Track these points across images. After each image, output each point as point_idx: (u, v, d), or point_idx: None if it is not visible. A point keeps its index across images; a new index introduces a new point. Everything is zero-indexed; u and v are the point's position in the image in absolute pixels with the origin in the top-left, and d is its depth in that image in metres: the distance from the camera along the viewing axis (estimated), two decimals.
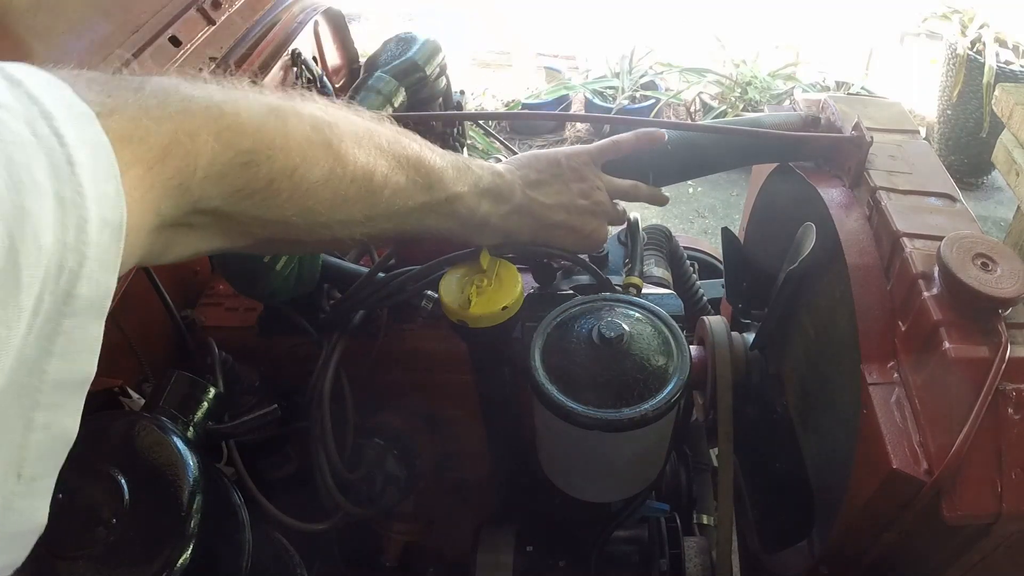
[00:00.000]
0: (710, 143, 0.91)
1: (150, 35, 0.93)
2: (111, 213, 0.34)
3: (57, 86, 0.35)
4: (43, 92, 0.33)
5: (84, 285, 0.32)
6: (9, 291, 0.29)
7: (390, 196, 0.60)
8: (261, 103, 0.50)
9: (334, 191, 0.55)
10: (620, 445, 0.71)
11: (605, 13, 4.14)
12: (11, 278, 0.28)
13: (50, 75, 0.35)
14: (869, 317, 0.74)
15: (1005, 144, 1.89)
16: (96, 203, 0.33)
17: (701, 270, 1.37)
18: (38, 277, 0.30)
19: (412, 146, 0.63)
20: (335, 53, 1.34)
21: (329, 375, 0.83)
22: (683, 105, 3.49)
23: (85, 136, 0.34)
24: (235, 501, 0.77)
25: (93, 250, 0.33)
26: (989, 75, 2.75)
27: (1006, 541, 0.68)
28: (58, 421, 0.33)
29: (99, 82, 0.40)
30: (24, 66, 0.35)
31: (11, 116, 0.31)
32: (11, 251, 0.28)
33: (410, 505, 1.05)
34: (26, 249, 0.29)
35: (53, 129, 0.32)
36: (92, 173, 0.33)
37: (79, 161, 0.32)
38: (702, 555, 0.95)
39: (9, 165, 0.29)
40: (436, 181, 0.64)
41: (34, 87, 0.33)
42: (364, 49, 1.34)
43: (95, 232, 0.33)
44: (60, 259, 0.31)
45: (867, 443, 0.69)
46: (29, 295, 0.29)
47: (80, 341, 0.33)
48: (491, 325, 0.72)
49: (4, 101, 0.31)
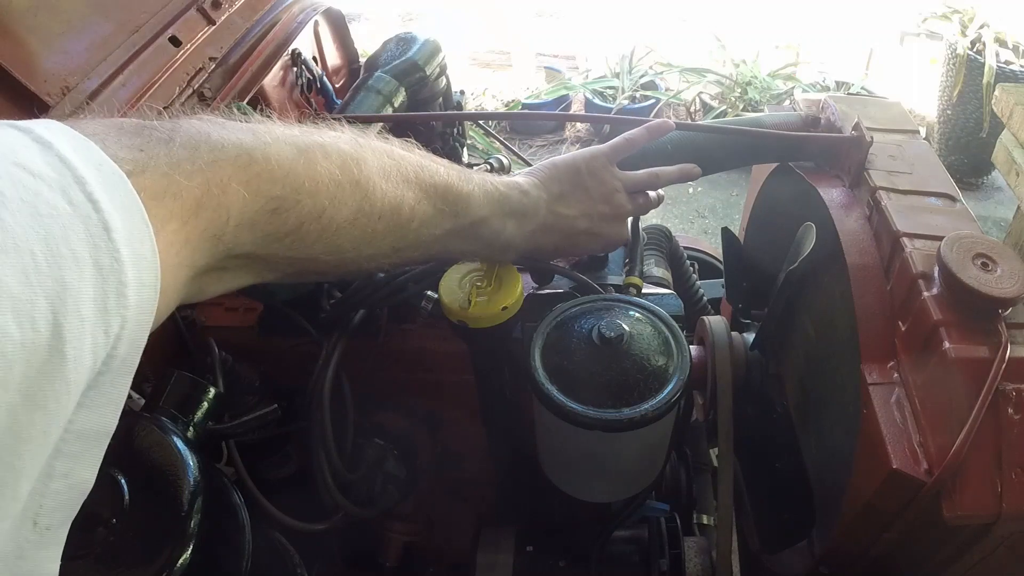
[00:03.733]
0: (710, 143, 0.91)
1: (150, 35, 0.93)
2: (147, 274, 0.35)
3: (86, 147, 0.35)
4: (74, 154, 0.33)
5: (123, 346, 0.33)
6: (56, 366, 0.30)
7: (417, 227, 0.61)
8: (290, 145, 0.50)
9: (363, 229, 0.55)
10: (620, 445, 0.71)
11: (605, 13, 4.14)
12: (57, 354, 0.30)
13: (78, 133, 0.36)
14: (869, 317, 0.74)
15: (1005, 144, 1.89)
16: (133, 266, 0.34)
17: (701, 270, 1.37)
18: (84, 349, 0.31)
19: (439, 173, 0.63)
20: (335, 53, 1.34)
21: (329, 375, 0.83)
22: (683, 105, 3.49)
23: (118, 199, 0.34)
24: (235, 501, 0.77)
25: (132, 312, 0.33)
26: (989, 75, 2.75)
27: (1006, 541, 0.68)
28: (77, 471, 0.34)
29: (129, 134, 0.40)
30: (53, 124, 0.35)
31: (47, 186, 0.31)
32: (56, 326, 0.29)
33: (410, 505, 1.05)
34: (69, 323, 0.30)
35: (87, 195, 0.32)
36: (127, 236, 0.34)
37: (114, 226, 0.33)
38: (702, 555, 0.95)
39: (48, 239, 0.30)
40: (463, 208, 0.64)
41: (65, 149, 0.33)
42: (364, 49, 1.34)
43: (134, 295, 0.34)
44: (104, 326, 0.32)
45: (867, 443, 0.69)
46: (76, 369, 0.31)
47: (109, 395, 0.34)
48: (491, 325, 0.72)
49: (39, 170, 0.32)
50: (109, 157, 0.36)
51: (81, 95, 0.81)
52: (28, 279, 0.29)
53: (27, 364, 0.28)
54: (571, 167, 0.77)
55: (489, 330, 0.73)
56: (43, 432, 0.31)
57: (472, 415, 0.92)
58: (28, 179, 0.31)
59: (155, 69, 0.92)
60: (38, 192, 0.31)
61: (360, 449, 0.92)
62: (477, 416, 0.92)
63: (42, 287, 0.29)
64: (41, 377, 0.29)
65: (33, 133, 0.33)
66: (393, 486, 0.95)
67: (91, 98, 0.82)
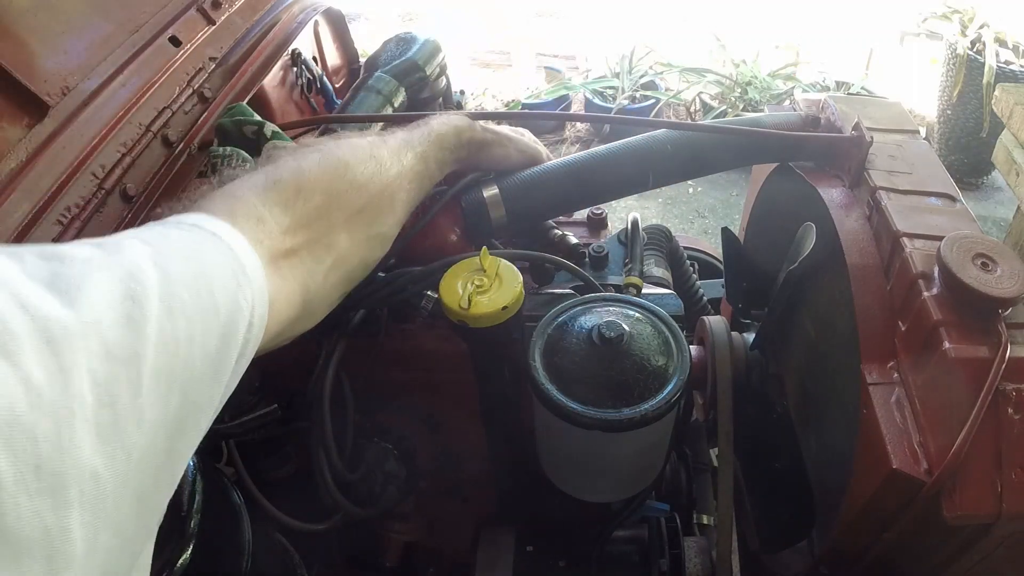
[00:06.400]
0: (710, 143, 0.91)
1: (150, 35, 0.93)
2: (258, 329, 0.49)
3: (242, 245, 0.49)
4: (240, 248, 0.49)
5: (248, 351, 0.48)
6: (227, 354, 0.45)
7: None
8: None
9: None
10: (620, 445, 0.71)
11: (605, 13, 4.13)
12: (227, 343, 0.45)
13: (233, 228, 0.50)
14: (869, 317, 0.74)
15: (1005, 144, 1.89)
16: (258, 331, 0.48)
17: (701, 270, 1.37)
18: (235, 346, 0.46)
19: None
20: (335, 53, 1.34)
21: (329, 375, 0.83)
22: (683, 105, 3.49)
23: (256, 285, 0.48)
24: (235, 501, 0.78)
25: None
26: (989, 75, 2.75)
27: (1006, 541, 0.68)
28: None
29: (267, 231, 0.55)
30: (213, 220, 0.49)
31: (221, 284, 0.45)
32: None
33: (410, 505, 1.05)
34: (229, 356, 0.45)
35: (248, 294, 0.47)
36: (261, 310, 0.49)
37: (257, 318, 0.48)
38: (702, 555, 0.95)
39: (226, 322, 0.44)
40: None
41: (231, 240, 0.48)
42: (364, 49, 1.34)
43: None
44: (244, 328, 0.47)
45: (867, 443, 0.69)
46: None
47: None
48: (491, 325, 0.72)
49: (216, 268, 0.46)
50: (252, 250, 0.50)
51: (81, 95, 0.81)
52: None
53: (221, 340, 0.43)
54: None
55: (489, 330, 0.73)
56: (214, 399, 0.44)
57: (472, 415, 0.92)
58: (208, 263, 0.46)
59: (155, 69, 0.92)
60: (225, 289, 0.45)
61: (360, 449, 0.92)
62: (477, 416, 0.92)
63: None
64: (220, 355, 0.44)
65: (204, 230, 0.48)
66: (393, 486, 0.95)
67: (91, 98, 0.82)
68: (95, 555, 0.32)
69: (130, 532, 0.36)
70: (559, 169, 0.89)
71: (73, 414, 0.32)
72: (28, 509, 0.29)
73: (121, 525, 0.35)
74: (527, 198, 0.88)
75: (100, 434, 0.33)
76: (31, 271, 0.34)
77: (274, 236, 0.54)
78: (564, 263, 0.86)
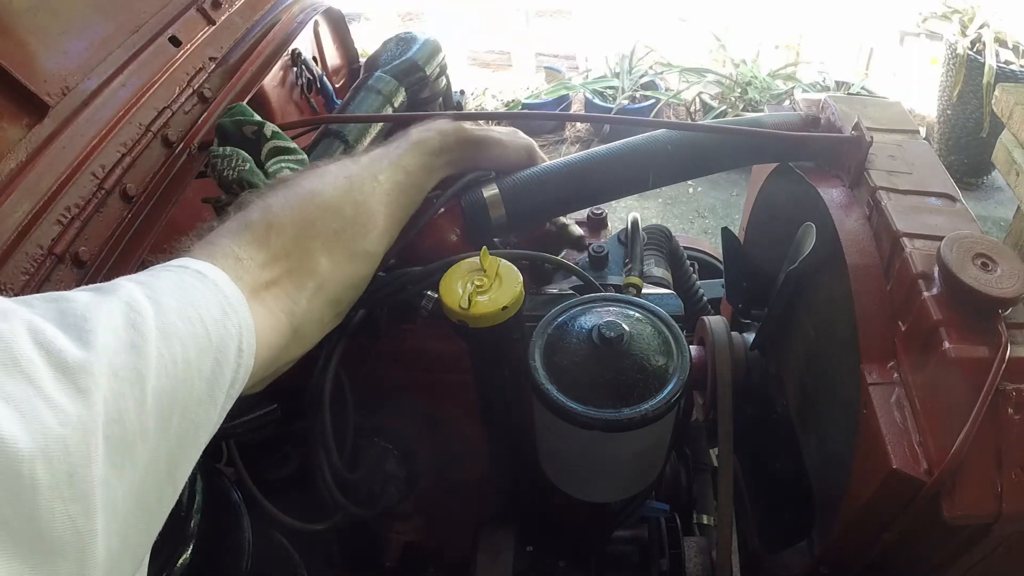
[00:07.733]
0: (710, 143, 0.91)
1: (150, 35, 0.93)
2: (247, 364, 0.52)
3: (224, 280, 0.53)
4: (223, 283, 0.52)
5: (238, 383, 0.50)
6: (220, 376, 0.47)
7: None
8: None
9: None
10: (620, 445, 0.71)
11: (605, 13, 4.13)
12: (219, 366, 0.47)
13: (214, 266, 0.53)
14: (869, 317, 0.74)
15: (1005, 144, 1.89)
16: (248, 358, 0.51)
17: (701, 270, 1.37)
18: (227, 368, 0.49)
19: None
20: (335, 53, 1.34)
21: (329, 375, 0.83)
22: (683, 105, 3.49)
23: (242, 315, 0.52)
24: (235, 501, 0.78)
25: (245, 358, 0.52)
26: (989, 75, 2.75)
27: (1006, 541, 0.68)
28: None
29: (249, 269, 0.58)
30: (196, 262, 0.53)
31: (210, 314, 0.48)
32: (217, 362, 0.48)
33: (410, 505, 1.05)
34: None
35: (235, 322, 0.50)
36: (249, 337, 0.52)
37: (246, 344, 0.51)
38: (702, 555, 0.95)
39: (218, 347, 0.48)
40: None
41: (215, 276, 0.52)
42: (364, 49, 1.34)
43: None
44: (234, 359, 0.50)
45: (867, 443, 0.69)
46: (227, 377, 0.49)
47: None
48: (491, 325, 0.72)
49: (204, 300, 0.49)
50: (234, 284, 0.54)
51: (81, 95, 0.81)
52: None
53: (215, 362, 0.47)
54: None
55: (489, 330, 0.73)
56: (211, 419, 0.47)
57: (472, 415, 0.92)
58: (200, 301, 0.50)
59: (155, 69, 0.92)
60: (213, 320, 0.49)
61: (360, 449, 0.92)
62: (477, 416, 0.92)
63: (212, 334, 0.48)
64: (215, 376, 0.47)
65: (189, 270, 0.51)
66: (393, 486, 0.95)
67: (91, 98, 0.82)
68: (110, 560, 0.36)
69: (134, 541, 0.39)
70: (559, 169, 0.89)
71: (97, 428, 0.36)
72: (63, 513, 0.33)
73: (127, 533, 0.38)
74: (527, 198, 0.88)
75: (110, 447, 0.37)
76: (40, 312, 0.39)
77: (252, 271, 0.57)
78: (564, 263, 0.86)
